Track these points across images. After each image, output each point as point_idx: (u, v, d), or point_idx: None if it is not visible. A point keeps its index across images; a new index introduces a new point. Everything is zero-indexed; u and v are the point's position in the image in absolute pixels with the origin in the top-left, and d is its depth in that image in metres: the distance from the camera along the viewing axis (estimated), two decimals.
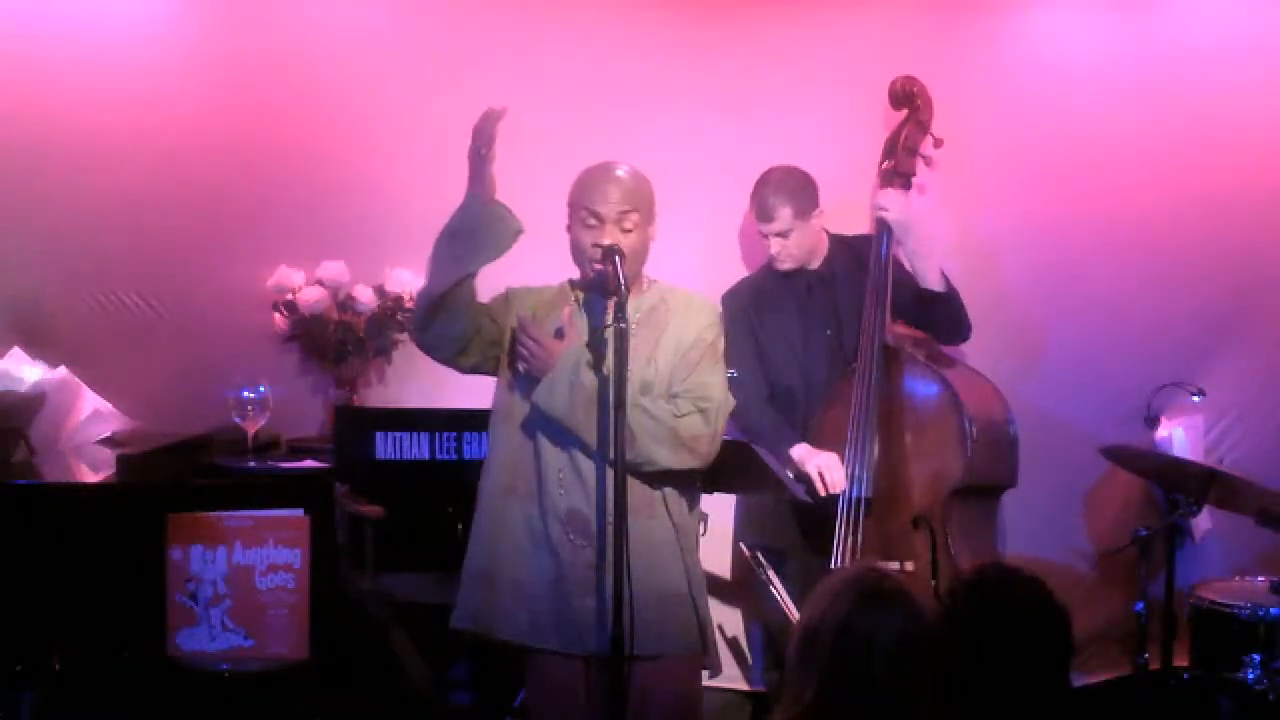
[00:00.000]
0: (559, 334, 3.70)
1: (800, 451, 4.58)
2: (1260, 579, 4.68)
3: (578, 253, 3.74)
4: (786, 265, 4.77)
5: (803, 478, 4.50)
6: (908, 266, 4.69)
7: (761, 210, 4.74)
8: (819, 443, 4.61)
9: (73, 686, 4.22)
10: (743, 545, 4.44)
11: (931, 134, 4.80)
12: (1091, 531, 5.27)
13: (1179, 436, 5.14)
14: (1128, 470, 4.99)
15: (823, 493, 4.50)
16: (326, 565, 4.31)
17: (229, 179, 5.20)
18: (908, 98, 4.83)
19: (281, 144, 5.22)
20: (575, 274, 3.86)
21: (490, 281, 3.86)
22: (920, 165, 4.80)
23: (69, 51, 5.13)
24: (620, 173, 3.74)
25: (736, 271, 5.03)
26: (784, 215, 4.70)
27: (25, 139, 5.12)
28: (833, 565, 4.45)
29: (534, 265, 3.87)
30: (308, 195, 5.24)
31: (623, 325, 3.51)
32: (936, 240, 4.77)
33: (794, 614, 3.99)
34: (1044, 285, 5.21)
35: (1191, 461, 4.76)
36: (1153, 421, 5.03)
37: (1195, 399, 5.00)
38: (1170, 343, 5.18)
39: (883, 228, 4.66)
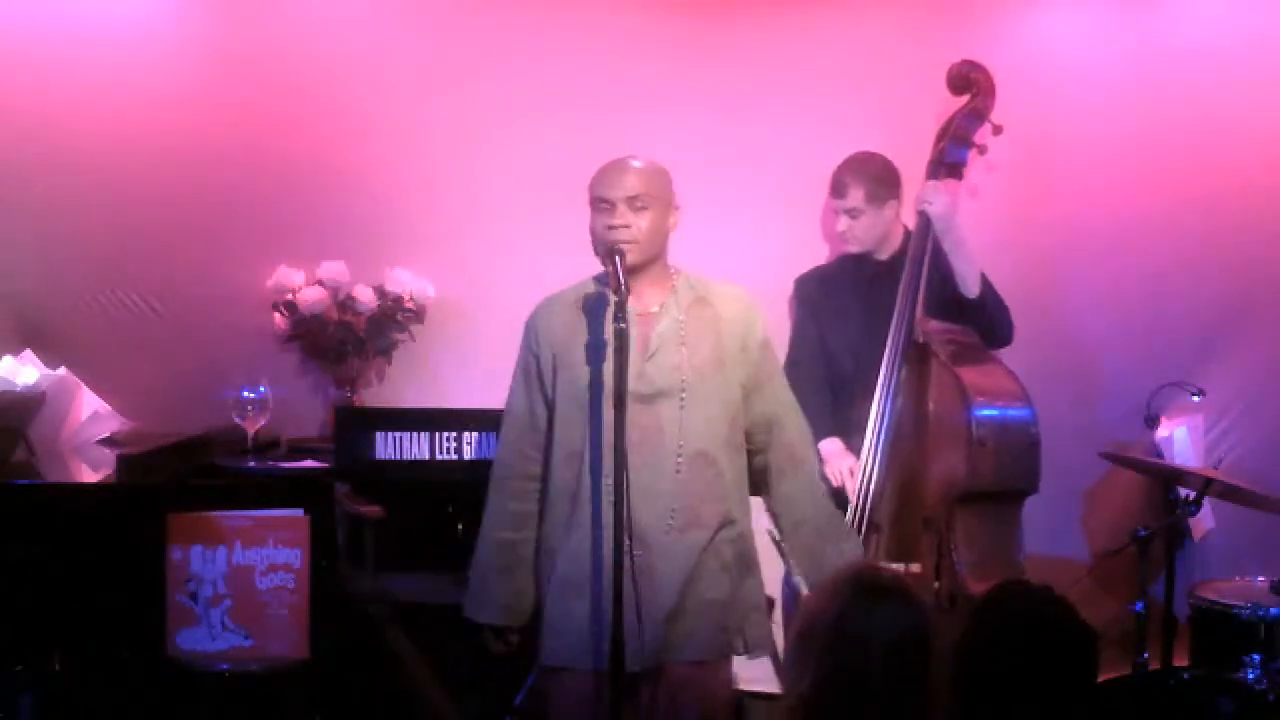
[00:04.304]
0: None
1: (828, 448, 4.58)
2: (1260, 579, 4.67)
3: (595, 240, 3.71)
4: (852, 247, 4.74)
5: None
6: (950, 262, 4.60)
7: (836, 186, 4.73)
8: (853, 434, 4.59)
9: (73, 686, 4.22)
10: (768, 531, 4.41)
11: (990, 121, 4.68)
12: (1091, 531, 5.27)
13: (1179, 436, 5.14)
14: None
15: (837, 484, 4.50)
16: (326, 565, 4.31)
17: (229, 179, 5.21)
18: (967, 83, 4.71)
19: (282, 144, 5.22)
20: (582, 273, 3.85)
21: (507, 296, 3.84)
22: (974, 157, 4.69)
23: (68, 52, 5.14)
24: (633, 163, 3.73)
25: (748, 267, 5.00)
26: (855, 195, 4.68)
27: (25, 139, 5.13)
28: None
29: (541, 266, 3.86)
30: (308, 195, 5.24)
31: (622, 325, 3.50)
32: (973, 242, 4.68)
33: None
34: (1043, 285, 5.20)
35: (1190, 470, 4.75)
36: (1153, 421, 5.02)
37: (1195, 399, 4.99)
38: (1170, 343, 5.18)
39: (924, 221, 4.62)
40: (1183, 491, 4.69)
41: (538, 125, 5.15)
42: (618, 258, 3.59)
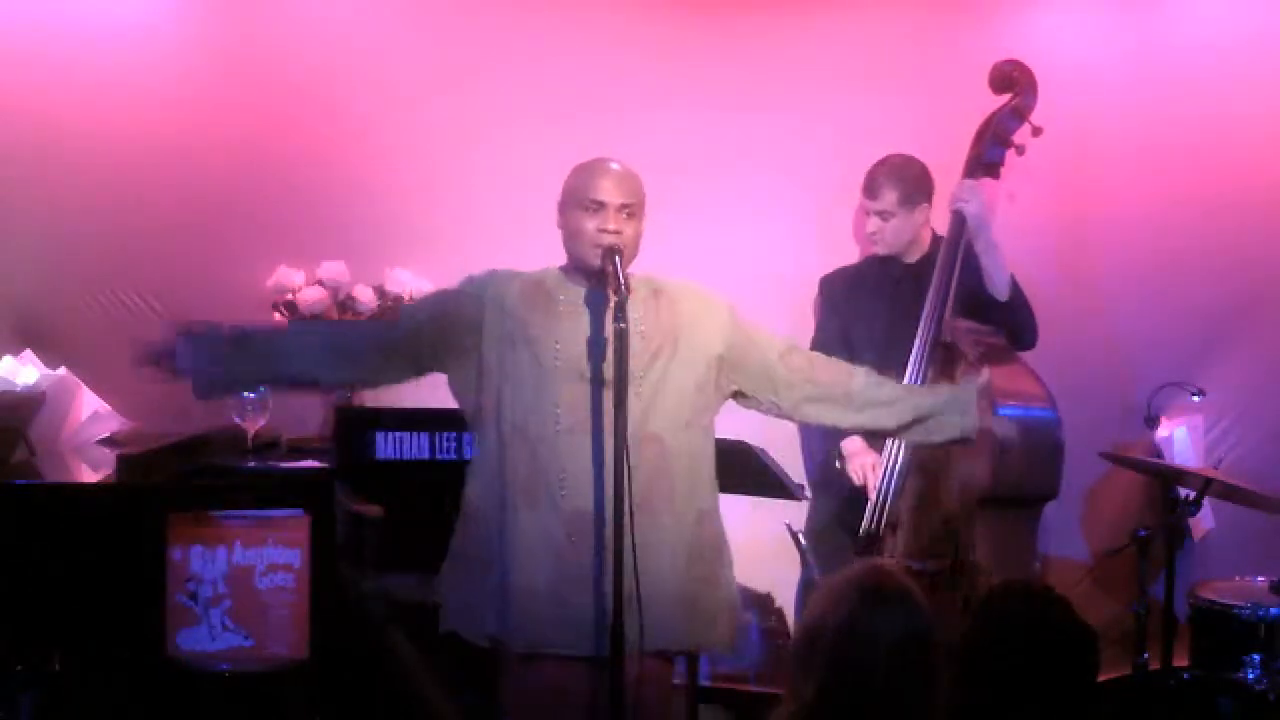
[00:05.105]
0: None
1: (851, 445, 4.58)
2: (1260, 579, 4.67)
3: (579, 240, 3.68)
4: (879, 249, 4.74)
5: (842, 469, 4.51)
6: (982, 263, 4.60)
7: (869, 187, 4.72)
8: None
9: (73, 686, 4.22)
10: (787, 526, 4.39)
11: (1030, 122, 4.66)
12: (1091, 531, 5.27)
13: (1179, 436, 5.14)
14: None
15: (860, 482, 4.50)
16: (326, 565, 4.31)
17: (229, 179, 5.21)
18: (1009, 82, 4.69)
19: (282, 144, 5.23)
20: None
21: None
22: (1011, 156, 4.66)
23: (69, 51, 5.14)
24: (615, 166, 3.73)
25: (744, 267, 5.00)
26: (888, 197, 4.68)
27: (25, 139, 5.13)
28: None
29: (541, 266, 3.85)
30: (308, 195, 5.24)
31: (622, 325, 3.50)
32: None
33: None
34: (1043, 285, 5.19)
35: (1190, 470, 4.75)
36: (1153, 421, 5.03)
37: (1195, 399, 5.00)
38: (1170, 343, 5.18)
39: (958, 220, 4.60)
40: (1183, 491, 4.70)
41: (538, 125, 5.15)
42: (618, 258, 3.59)
